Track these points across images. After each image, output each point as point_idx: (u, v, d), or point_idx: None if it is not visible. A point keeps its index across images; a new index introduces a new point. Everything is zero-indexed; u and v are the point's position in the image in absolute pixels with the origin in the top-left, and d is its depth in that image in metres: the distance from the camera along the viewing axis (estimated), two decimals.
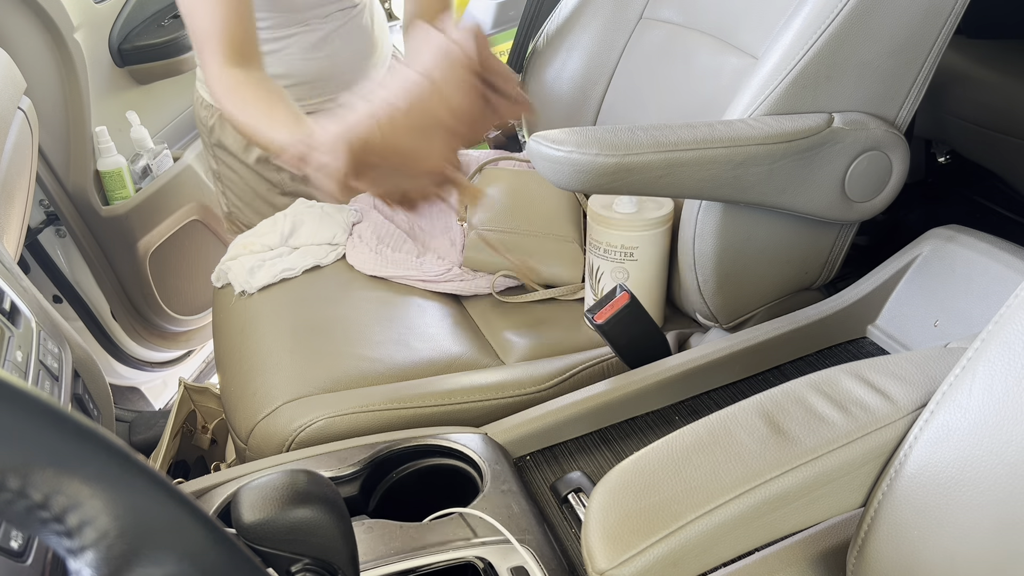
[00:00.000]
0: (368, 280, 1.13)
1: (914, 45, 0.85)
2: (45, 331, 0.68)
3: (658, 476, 0.59)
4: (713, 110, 1.00)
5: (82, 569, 0.27)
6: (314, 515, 0.48)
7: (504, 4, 2.15)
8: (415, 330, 1.03)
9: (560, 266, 1.10)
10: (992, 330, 0.52)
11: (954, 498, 0.52)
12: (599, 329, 0.89)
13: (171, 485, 0.29)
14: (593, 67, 1.19)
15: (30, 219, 1.38)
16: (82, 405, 0.70)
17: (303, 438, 0.87)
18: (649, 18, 1.15)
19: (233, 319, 1.09)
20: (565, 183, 0.83)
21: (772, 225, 0.94)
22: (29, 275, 1.46)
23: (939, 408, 0.55)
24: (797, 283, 1.01)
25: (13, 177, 0.99)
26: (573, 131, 0.83)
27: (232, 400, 0.98)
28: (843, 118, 0.87)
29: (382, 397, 0.90)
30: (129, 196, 1.53)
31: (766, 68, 0.88)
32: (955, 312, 0.86)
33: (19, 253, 1.02)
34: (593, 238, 1.01)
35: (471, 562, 0.70)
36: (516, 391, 0.92)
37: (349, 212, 1.20)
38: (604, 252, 0.99)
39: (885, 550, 0.57)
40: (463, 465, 0.82)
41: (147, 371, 1.72)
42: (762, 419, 0.61)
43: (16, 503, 0.26)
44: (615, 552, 0.55)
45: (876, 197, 0.93)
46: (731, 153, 0.84)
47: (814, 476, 0.58)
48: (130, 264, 1.57)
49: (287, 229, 1.17)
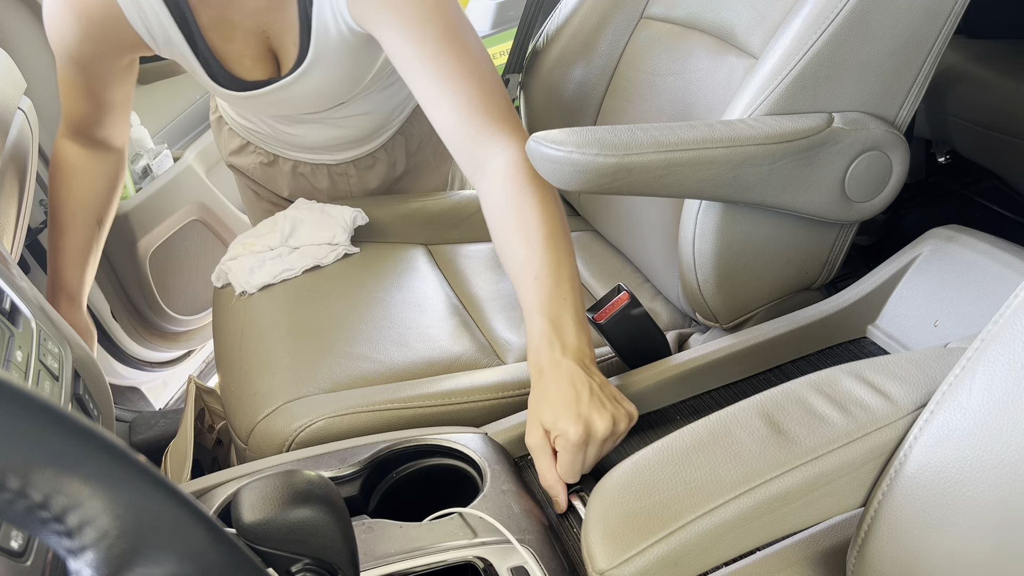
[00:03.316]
0: (368, 281, 1.13)
1: (914, 45, 0.85)
2: (45, 331, 0.68)
3: (658, 476, 0.59)
4: (713, 110, 1.00)
5: (82, 569, 0.27)
6: (314, 515, 0.48)
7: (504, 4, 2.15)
8: (415, 330, 1.03)
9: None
10: (992, 330, 0.52)
11: (954, 498, 0.52)
12: (599, 329, 0.89)
13: (171, 485, 0.29)
14: (593, 67, 1.19)
15: (30, 219, 1.38)
16: (82, 405, 0.70)
17: (303, 438, 0.87)
18: (649, 17, 1.15)
19: (233, 319, 1.09)
20: (565, 183, 0.83)
21: (772, 225, 0.94)
22: (29, 275, 1.46)
23: (939, 408, 0.55)
24: (797, 283, 1.01)
25: (13, 177, 0.99)
26: (573, 131, 0.83)
27: (232, 400, 0.98)
28: (843, 118, 0.87)
29: (382, 397, 0.90)
30: (129, 196, 1.53)
31: (766, 68, 0.88)
32: (955, 312, 0.86)
33: (19, 253, 1.02)
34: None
35: (471, 562, 0.70)
36: (516, 391, 0.92)
37: (352, 212, 1.20)
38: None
39: (885, 550, 0.57)
40: (463, 465, 0.82)
41: (147, 371, 1.72)
42: (762, 419, 0.61)
43: (16, 503, 0.26)
44: (615, 552, 0.55)
45: (876, 197, 0.93)
46: (731, 153, 0.84)
47: (814, 476, 0.58)
48: (130, 264, 1.56)
49: (287, 229, 1.17)
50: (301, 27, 1.00)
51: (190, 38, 1.02)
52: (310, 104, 1.13)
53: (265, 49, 1.05)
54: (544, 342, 0.81)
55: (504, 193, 0.90)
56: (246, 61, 1.06)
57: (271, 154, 1.30)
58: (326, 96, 1.11)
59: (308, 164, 1.30)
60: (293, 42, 1.03)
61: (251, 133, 1.29)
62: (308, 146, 1.26)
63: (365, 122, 1.23)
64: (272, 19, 1.01)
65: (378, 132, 1.27)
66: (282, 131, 1.23)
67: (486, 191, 0.93)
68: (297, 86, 1.06)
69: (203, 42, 1.02)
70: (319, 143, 1.24)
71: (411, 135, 1.32)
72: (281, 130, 1.23)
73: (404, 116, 1.29)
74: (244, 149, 1.33)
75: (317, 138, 1.23)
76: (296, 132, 1.22)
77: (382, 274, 1.15)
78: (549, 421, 0.77)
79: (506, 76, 1.32)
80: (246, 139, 1.32)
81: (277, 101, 1.10)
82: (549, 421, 0.77)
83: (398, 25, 0.92)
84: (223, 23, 1.01)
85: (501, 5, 2.14)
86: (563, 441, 0.76)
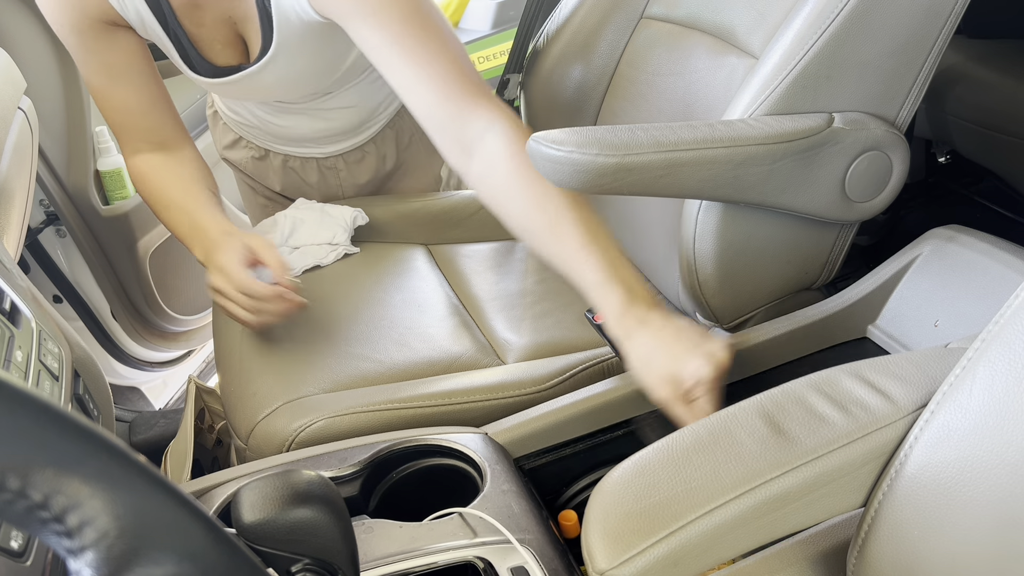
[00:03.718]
0: (368, 281, 1.13)
1: (914, 45, 0.85)
2: (45, 331, 0.68)
3: (658, 476, 0.59)
4: (713, 110, 1.00)
5: (82, 569, 0.27)
6: (314, 515, 0.48)
7: (504, 4, 2.15)
8: (415, 330, 1.03)
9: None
10: (992, 330, 0.52)
11: (954, 498, 0.52)
12: (599, 329, 0.89)
13: (171, 485, 0.29)
14: (593, 67, 1.19)
15: (30, 219, 1.38)
16: (82, 405, 0.70)
17: (303, 438, 0.87)
18: (649, 17, 1.15)
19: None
20: (565, 183, 0.83)
21: (772, 225, 0.94)
22: (29, 275, 1.46)
23: (939, 408, 0.55)
24: (797, 283, 1.01)
25: (13, 177, 0.99)
26: (573, 131, 0.83)
27: (232, 400, 0.98)
28: (843, 118, 0.87)
29: (382, 397, 0.90)
30: (129, 196, 1.52)
31: (766, 68, 0.88)
32: (955, 312, 0.86)
33: (19, 253, 1.02)
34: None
35: (471, 562, 0.70)
36: (516, 391, 0.92)
37: (352, 212, 1.20)
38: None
39: (885, 550, 0.57)
40: (463, 465, 0.82)
41: (147, 371, 1.72)
42: (762, 419, 0.61)
43: (16, 503, 0.26)
44: (615, 552, 0.55)
45: (876, 197, 0.93)
46: (731, 153, 0.83)
47: (814, 476, 0.58)
48: (130, 264, 1.56)
49: (287, 229, 1.17)
50: (260, 16, 1.01)
51: (163, 20, 1.01)
52: (285, 92, 1.13)
53: (234, 35, 1.06)
54: (622, 307, 0.82)
55: (508, 173, 0.88)
56: (216, 46, 1.06)
57: (262, 148, 1.31)
58: (299, 83, 1.12)
59: (298, 158, 1.30)
60: (255, 30, 1.03)
61: (242, 127, 1.29)
62: (296, 138, 1.26)
63: (351, 115, 1.23)
64: (234, 6, 1.02)
65: (365, 125, 1.27)
66: (269, 122, 1.23)
67: (482, 174, 0.90)
68: (265, 74, 1.06)
69: (177, 25, 1.02)
70: (306, 135, 1.25)
71: (401, 129, 1.32)
72: (268, 121, 1.23)
73: (392, 110, 1.29)
74: (237, 143, 1.33)
75: (304, 130, 1.23)
76: (283, 123, 1.23)
77: (382, 274, 1.15)
78: (676, 369, 0.78)
79: (506, 76, 1.32)
80: (238, 133, 1.32)
81: (249, 88, 1.10)
82: (676, 369, 0.78)
83: (359, 10, 0.92)
84: (193, 8, 1.01)
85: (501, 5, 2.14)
86: (702, 379, 0.78)
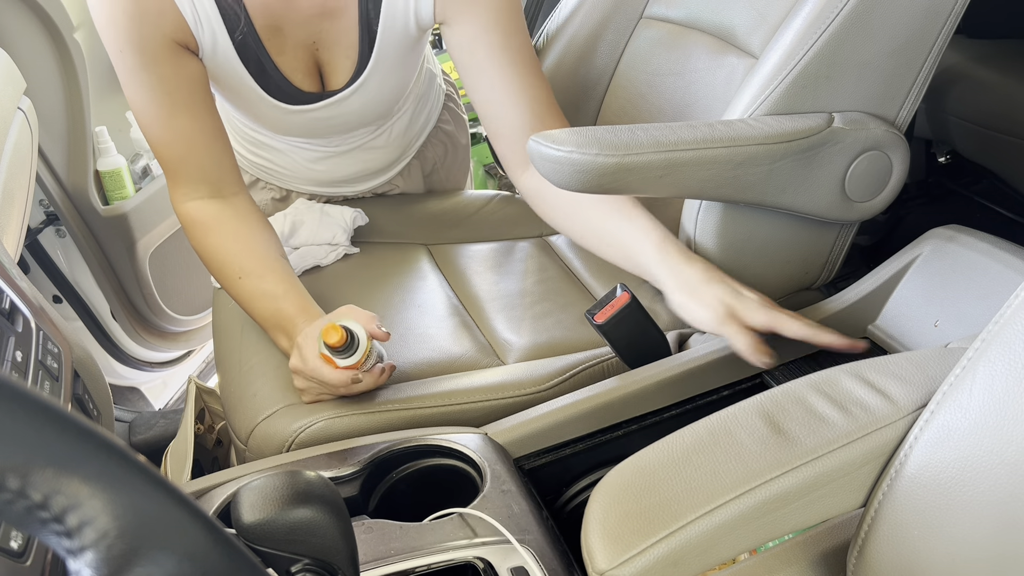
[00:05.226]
0: (368, 281, 1.13)
1: (914, 45, 0.85)
2: (45, 331, 0.68)
3: (658, 476, 0.59)
4: (713, 110, 1.00)
5: (82, 569, 0.27)
6: (314, 515, 0.48)
7: None
8: (415, 330, 1.03)
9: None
10: (992, 330, 0.52)
11: (954, 498, 0.52)
12: (599, 329, 0.89)
13: (171, 485, 0.29)
14: (593, 67, 1.19)
15: (30, 219, 1.38)
16: (82, 405, 0.70)
17: (303, 439, 0.87)
18: (649, 17, 1.15)
19: (233, 319, 1.09)
20: (565, 183, 0.83)
21: (772, 225, 0.94)
22: (29, 275, 1.46)
23: (939, 408, 0.55)
24: (797, 283, 1.01)
25: (13, 177, 0.99)
26: (573, 131, 0.83)
27: (232, 401, 0.97)
28: (843, 118, 0.87)
29: (382, 398, 0.90)
30: (129, 196, 1.52)
31: (766, 68, 0.88)
32: (955, 312, 0.86)
33: (19, 253, 1.02)
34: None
35: (471, 562, 0.70)
36: (516, 391, 0.92)
37: (352, 213, 1.20)
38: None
39: (885, 550, 0.57)
40: (463, 465, 0.82)
41: (147, 371, 1.72)
42: (762, 419, 0.61)
43: (16, 503, 0.26)
44: (615, 552, 0.55)
45: (876, 197, 0.93)
46: (731, 153, 0.83)
47: (814, 476, 0.58)
48: (130, 264, 1.56)
49: (287, 229, 1.17)
50: (361, 34, 0.98)
51: (241, 44, 0.95)
52: (359, 120, 1.11)
53: (313, 63, 1.01)
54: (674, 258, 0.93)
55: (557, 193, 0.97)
56: (297, 75, 1.01)
57: (283, 189, 1.26)
58: (377, 108, 1.09)
59: (324, 196, 1.26)
60: (346, 53, 1.00)
61: (264, 170, 1.23)
62: (330, 181, 1.23)
63: (390, 152, 1.23)
64: (326, 28, 0.97)
65: (399, 160, 1.26)
66: (308, 167, 1.20)
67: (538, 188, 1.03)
68: (353, 99, 1.03)
69: (261, 48, 0.96)
70: (344, 176, 1.22)
71: (425, 159, 1.31)
72: (307, 167, 1.19)
73: (421, 142, 1.28)
74: (254, 186, 1.26)
75: (344, 172, 1.21)
76: (322, 167, 1.20)
77: (382, 274, 1.15)
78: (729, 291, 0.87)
79: None
80: (255, 176, 1.26)
81: (326, 117, 1.06)
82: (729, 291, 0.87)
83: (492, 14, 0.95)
84: (274, 33, 0.96)
85: None
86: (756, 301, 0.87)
